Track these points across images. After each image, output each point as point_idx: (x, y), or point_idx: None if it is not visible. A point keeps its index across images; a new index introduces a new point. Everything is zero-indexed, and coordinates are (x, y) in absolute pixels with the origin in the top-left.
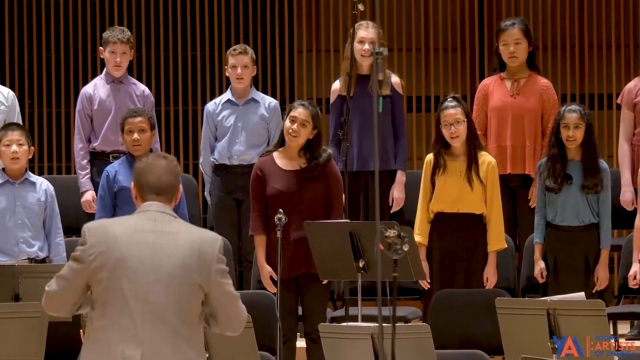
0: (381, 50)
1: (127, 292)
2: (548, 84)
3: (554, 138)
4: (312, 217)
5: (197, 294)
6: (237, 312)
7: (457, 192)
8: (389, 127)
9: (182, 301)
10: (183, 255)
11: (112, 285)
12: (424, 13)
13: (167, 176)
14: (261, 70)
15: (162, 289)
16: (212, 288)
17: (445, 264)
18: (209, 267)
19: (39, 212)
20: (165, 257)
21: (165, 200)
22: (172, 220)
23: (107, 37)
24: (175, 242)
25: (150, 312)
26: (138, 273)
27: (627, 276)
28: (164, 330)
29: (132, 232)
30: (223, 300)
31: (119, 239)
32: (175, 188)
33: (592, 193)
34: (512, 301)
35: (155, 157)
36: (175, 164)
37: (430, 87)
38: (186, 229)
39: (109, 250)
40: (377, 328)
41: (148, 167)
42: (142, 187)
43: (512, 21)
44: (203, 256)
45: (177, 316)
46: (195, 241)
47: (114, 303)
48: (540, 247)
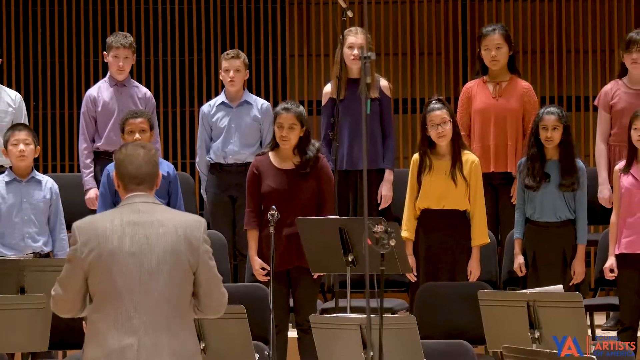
0: (369, 55)
1: (120, 285)
2: (528, 87)
3: (533, 138)
4: (304, 213)
5: (188, 277)
6: (219, 295)
7: (442, 190)
8: (377, 128)
9: (174, 287)
10: (170, 242)
11: (106, 278)
12: (410, 20)
13: (146, 165)
14: (255, 73)
15: (154, 278)
16: (200, 269)
17: (430, 258)
18: (197, 249)
19: (44, 209)
20: (153, 246)
21: (146, 188)
22: (155, 208)
23: (111, 42)
24: (161, 230)
25: (144, 301)
26: (129, 265)
27: (603, 269)
28: (159, 318)
29: (120, 226)
30: (209, 281)
31: (108, 233)
32: (154, 175)
33: (569, 191)
34: (494, 293)
35: (134, 147)
36: (153, 152)
37: (416, 90)
38: (170, 215)
39: (99, 246)
40: (366, 319)
41: (127, 157)
42: (122, 177)
43: (493, 27)
44: (190, 239)
45: (171, 303)
46: (181, 226)
47: (109, 296)
48: (520, 242)
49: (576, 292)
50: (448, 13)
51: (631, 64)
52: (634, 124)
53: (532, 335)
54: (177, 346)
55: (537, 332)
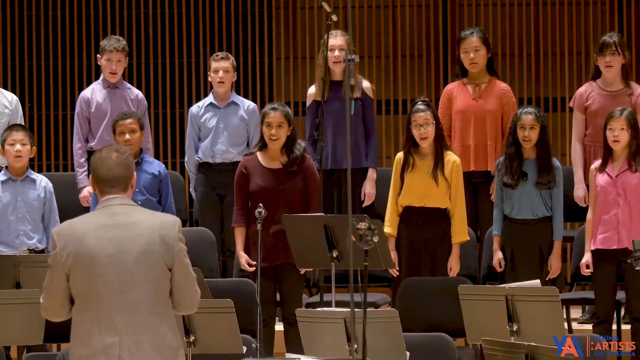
0: (353, 58)
1: (100, 286)
2: (507, 88)
3: (511, 138)
4: (290, 211)
5: (165, 274)
6: (193, 292)
7: (424, 188)
8: (360, 128)
9: (152, 286)
10: (146, 242)
11: (86, 280)
12: (393, 23)
13: (117, 168)
14: (242, 75)
15: (131, 277)
16: (175, 266)
17: (412, 253)
18: (172, 248)
19: (38, 207)
20: (130, 247)
21: (120, 190)
22: (131, 210)
23: (104, 45)
24: (136, 231)
25: (124, 301)
26: (107, 266)
27: (579, 265)
28: (139, 317)
29: (97, 229)
30: (183, 278)
31: (86, 237)
32: (126, 178)
33: (545, 189)
34: (474, 288)
35: (108, 151)
36: (126, 156)
37: (398, 92)
38: (145, 217)
39: (77, 249)
40: (350, 313)
41: (99, 161)
42: (96, 181)
43: (472, 30)
44: (165, 239)
45: (149, 301)
46: (156, 227)
47: (90, 297)
48: (499, 238)
49: (553, 287)
50: (429, 17)
51: (605, 66)
52: (608, 124)
53: (510, 328)
54: (158, 342)
55: (515, 326)
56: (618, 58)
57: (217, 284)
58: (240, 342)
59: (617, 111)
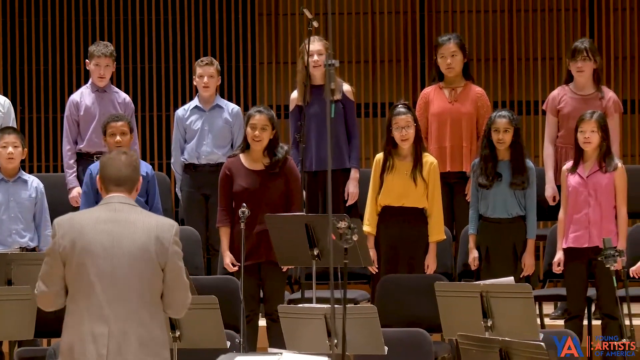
0: (333, 62)
1: (93, 277)
2: (482, 92)
3: (486, 140)
4: (273, 211)
5: (158, 274)
6: (184, 296)
7: (403, 189)
8: (343, 130)
9: (144, 282)
10: (142, 240)
11: (80, 270)
12: (372, 30)
13: (126, 169)
14: (226, 79)
15: (124, 271)
16: (168, 268)
17: (390, 251)
18: (167, 250)
19: (30, 207)
20: (126, 243)
21: (125, 190)
22: (131, 209)
23: (93, 51)
24: (134, 229)
25: (115, 293)
26: (102, 259)
27: (552, 262)
28: (128, 309)
29: (96, 223)
30: (174, 280)
31: (84, 229)
32: (134, 179)
33: (519, 189)
34: (450, 285)
35: (117, 153)
36: (134, 158)
37: (377, 95)
38: (144, 217)
39: (75, 240)
40: (330, 309)
41: (109, 161)
42: (104, 179)
43: (449, 36)
44: (161, 240)
45: (140, 296)
46: (153, 228)
47: (83, 287)
48: (474, 237)
49: (526, 284)
50: (407, 24)
51: (576, 71)
52: (580, 127)
53: (485, 323)
54: (145, 335)
55: (489, 321)
56: (589, 63)
57: (202, 281)
58: (224, 337)
59: (588, 114)
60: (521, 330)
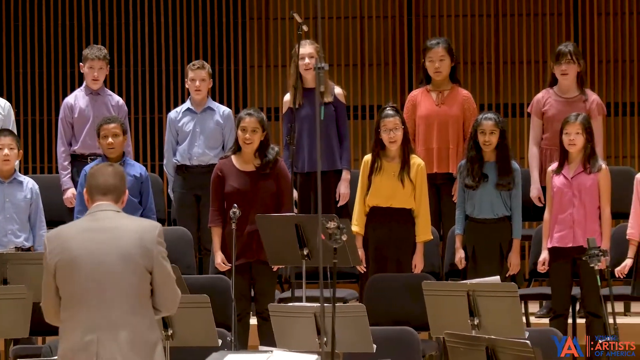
0: (323, 66)
1: (82, 287)
2: (468, 95)
3: (472, 142)
4: (263, 211)
5: (144, 276)
6: (173, 293)
7: (391, 190)
8: (334, 132)
9: (131, 286)
10: (126, 246)
11: (70, 281)
12: (360, 34)
13: (113, 179)
14: (217, 82)
15: (111, 279)
16: (155, 269)
17: (378, 251)
18: (151, 252)
19: (25, 207)
20: (110, 250)
21: (111, 199)
22: (115, 216)
23: (87, 54)
24: (117, 234)
25: (103, 300)
26: (88, 268)
27: (537, 262)
28: (117, 315)
29: (81, 233)
30: (163, 280)
31: (71, 240)
32: (120, 190)
33: (505, 190)
34: (437, 284)
35: (104, 165)
36: (120, 170)
37: (365, 98)
38: (127, 222)
39: (63, 252)
40: (320, 308)
41: (97, 172)
42: (91, 189)
43: (437, 40)
44: (144, 243)
45: (128, 301)
46: (136, 231)
47: (73, 297)
48: (461, 237)
49: (512, 283)
50: (395, 28)
51: (560, 74)
52: (565, 129)
53: (471, 322)
54: (136, 339)
55: (476, 320)
56: (573, 66)
57: (194, 280)
58: (216, 335)
59: (572, 116)
60: (507, 328)
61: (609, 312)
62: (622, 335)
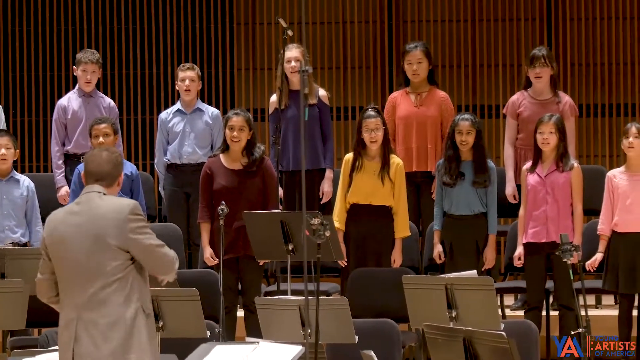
0: (307, 69)
1: (66, 268)
2: (445, 96)
3: (449, 142)
4: (250, 208)
5: (117, 255)
6: (160, 258)
7: (371, 187)
8: (318, 132)
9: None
10: (99, 226)
11: (57, 263)
12: (343, 38)
13: (107, 165)
14: (206, 84)
15: (89, 259)
16: (130, 246)
17: (359, 246)
18: (123, 230)
19: (22, 204)
20: (88, 231)
21: (104, 184)
22: (96, 197)
23: (80, 58)
24: (94, 216)
25: (83, 280)
26: (70, 250)
27: (512, 257)
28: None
29: (65, 216)
30: (144, 253)
31: (58, 224)
32: (113, 175)
33: (481, 187)
34: (416, 278)
35: (100, 150)
36: (115, 155)
37: (348, 100)
38: (106, 203)
39: (51, 235)
40: (304, 300)
41: (91, 157)
42: (86, 174)
43: (415, 44)
44: (116, 222)
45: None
46: (110, 211)
47: (61, 278)
48: (439, 233)
49: (488, 277)
50: (376, 33)
51: (535, 77)
52: (539, 129)
53: (449, 314)
54: (114, 316)
55: (454, 312)
56: (547, 69)
57: (184, 274)
58: (205, 327)
59: (546, 117)
60: (484, 320)
61: (581, 305)
62: (593, 328)
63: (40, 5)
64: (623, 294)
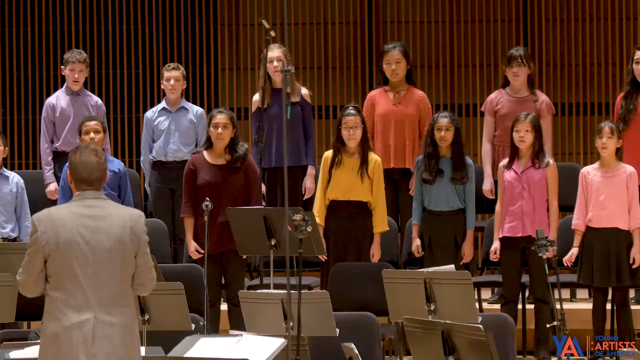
0: (290, 68)
1: (77, 268)
2: (423, 95)
3: (429, 139)
4: (233, 204)
5: (131, 262)
6: (151, 277)
7: (350, 184)
8: (300, 130)
9: (122, 270)
10: (117, 233)
11: (64, 263)
12: (324, 39)
13: (97, 172)
14: (191, 84)
15: (105, 263)
16: (139, 254)
17: (338, 241)
18: (139, 239)
19: (11, 200)
20: (104, 236)
21: (96, 187)
22: (104, 204)
23: (67, 57)
24: (110, 223)
25: (97, 282)
26: (84, 252)
27: (489, 251)
28: (110, 296)
29: (75, 218)
30: (144, 265)
31: (65, 225)
32: (103, 178)
33: (459, 184)
34: (396, 272)
35: (88, 155)
36: (103, 160)
37: (329, 99)
38: (116, 210)
39: (56, 234)
40: (286, 294)
41: (81, 164)
42: (76, 179)
43: (394, 44)
44: (134, 231)
45: (119, 283)
46: (126, 220)
47: (67, 277)
48: (417, 227)
49: (466, 271)
50: (356, 33)
51: (512, 76)
52: (515, 126)
53: (428, 308)
54: (126, 319)
55: (432, 305)
56: (524, 69)
57: (169, 268)
58: (189, 320)
59: (522, 115)
60: (461, 313)
61: (556, 299)
62: (568, 321)
63: (30, 6)
64: (597, 288)
